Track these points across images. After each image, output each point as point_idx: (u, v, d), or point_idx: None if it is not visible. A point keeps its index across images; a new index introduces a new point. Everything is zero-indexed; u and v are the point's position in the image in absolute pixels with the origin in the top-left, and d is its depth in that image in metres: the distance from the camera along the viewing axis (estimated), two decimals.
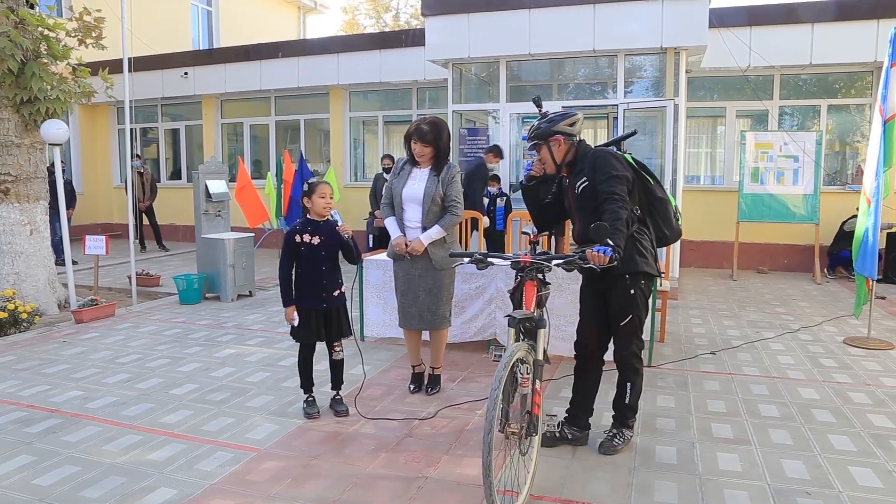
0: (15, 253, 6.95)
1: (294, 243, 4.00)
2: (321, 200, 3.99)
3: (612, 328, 3.60)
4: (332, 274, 4.07)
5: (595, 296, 3.63)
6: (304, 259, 4.00)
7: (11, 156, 6.89)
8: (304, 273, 4.02)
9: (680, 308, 7.29)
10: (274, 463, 3.46)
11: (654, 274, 3.57)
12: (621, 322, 3.52)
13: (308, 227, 4.01)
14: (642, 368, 3.65)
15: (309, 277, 4.01)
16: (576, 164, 3.57)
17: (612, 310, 3.56)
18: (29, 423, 3.99)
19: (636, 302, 3.50)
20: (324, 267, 4.02)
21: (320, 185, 4.02)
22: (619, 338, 3.59)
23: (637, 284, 3.49)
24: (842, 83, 10.13)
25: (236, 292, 7.79)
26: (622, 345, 3.57)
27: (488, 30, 9.09)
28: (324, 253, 4.02)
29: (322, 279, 4.01)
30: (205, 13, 18.29)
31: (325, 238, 4.02)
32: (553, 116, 3.54)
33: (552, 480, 3.26)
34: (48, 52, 6.97)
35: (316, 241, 4.00)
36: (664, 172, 8.69)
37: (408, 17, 30.87)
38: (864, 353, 5.52)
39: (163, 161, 14.61)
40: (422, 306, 4.36)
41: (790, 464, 3.44)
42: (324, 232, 4.03)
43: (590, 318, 3.66)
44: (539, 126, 3.55)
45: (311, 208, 4.02)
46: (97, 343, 5.84)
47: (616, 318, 3.54)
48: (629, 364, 3.58)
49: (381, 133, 12.45)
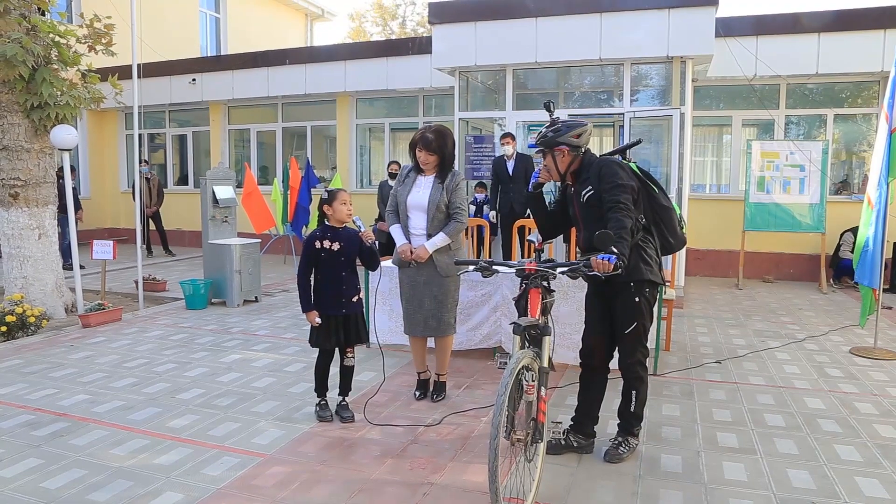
0: (23, 257, 6.99)
1: (314, 249, 4.03)
2: (343, 207, 4.04)
3: (617, 336, 3.60)
4: (351, 280, 4.11)
5: (601, 304, 3.64)
6: (324, 265, 4.04)
7: (21, 160, 6.94)
8: (323, 279, 4.06)
9: (685, 317, 7.28)
10: (280, 468, 3.47)
11: (658, 282, 3.57)
12: (626, 330, 3.53)
13: (328, 234, 4.05)
14: (647, 377, 3.65)
15: (328, 283, 4.05)
16: (581, 173, 3.58)
17: (617, 317, 3.56)
18: (36, 427, 4.02)
19: (641, 310, 3.51)
20: (343, 273, 4.06)
21: (340, 193, 4.07)
22: (623, 346, 3.59)
23: (642, 292, 3.50)
24: (848, 92, 10.13)
25: (242, 298, 7.81)
26: (627, 353, 3.58)
27: (495, 38, 9.12)
28: (343, 259, 4.06)
29: (342, 285, 4.05)
30: (213, 20, 18.40)
31: (344, 244, 4.05)
32: (560, 126, 3.53)
33: (557, 488, 3.26)
34: (59, 58, 7.03)
35: (336, 247, 4.03)
36: (670, 181, 8.70)
37: (414, 24, 31.01)
38: (870, 363, 5.51)
39: (170, 167, 14.69)
40: (427, 313, 4.38)
41: (796, 473, 3.43)
42: (343, 238, 4.06)
43: (595, 326, 3.67)
44: (545, 135, 3.56)
45: (331, 215, 4.06)
46: (104, 347, 5.87)
47: (621, 326, 3.55)
48: (634, 372, 3.59)
49: (387, 140, 12.49)
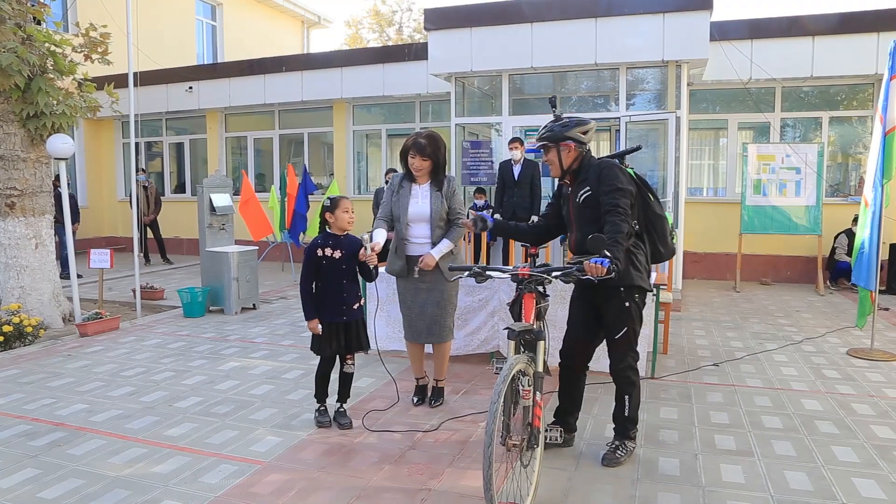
0: (20, 267, 6.98)
1: (316, 257, 4.04)
2: (345, 215, 4.05)
3: (608, 341, 3.61)
4: (353, 287, 4.12)
5: (586, 308, 3.64)
6: (325, 272, 4.04)
7: (17, 170, 6.94)
8: (324, 286, 4.06)
9: (683, 320, 7.29)
10: (278, 475, 3.47)
11: (647, 289, 3.59)
12: (616, 335, 3.54)
13: (329, 241, 4.06)
14: (639, 380, 3.67)
15: (330, 291, 4.05)
16: (580, 174, 3.58)
17: (607, 322, 3.57)
18: (34, 437, 4.01)
19: (631, 314, 3.52)
20: (344, 280, 4.07)
21: (343, 200, 4.08)
22: (614, 351, 3.59)
23: (632, 297, 3.51)
24: (843, 95, 10.17)
25: (240, 305, 7.81)
26: (618, 358, 3.59)
27: (491, 44, 9.16)
28: (345, 267, 4.06)
29: (343, 292, 4.06)
30: (209, 28, 18.44)
31: (345, 252, 4.06)
32: (568, 121, 3.53)
33: (555, 492, 3.26)
34: (54, 67, 7.04)
35: (337, 255, 4.04)
36: (667, 185, 8.72)
37: (411, 31, 31.06)
38: (867, 365, 5.52)
39: (167, 175, 14.68)
40: (430, 319, 4.36)
41: (793, 475, 3.44)
42: (345, 246, 4.07)
43: (578, 329, 3.68)
44: (552, 128, 3.54)
45: (333, 223, 4.07)
46: (101, 356, 5.86)
47: (611, 331, 3.56)
48: (626, 377, 3.60)
49: (384, 146, 12.51)
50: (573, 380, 3.78)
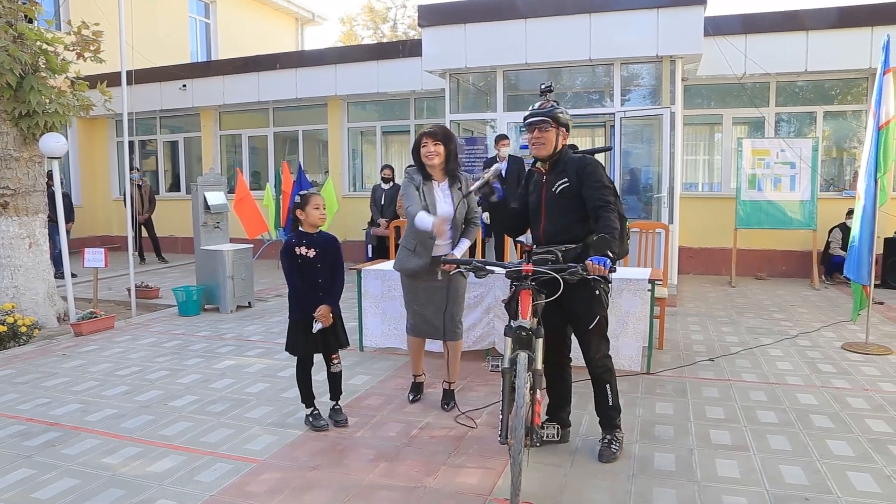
0: (14, 266, 6.96)
1: (294, 255, 3.96)
2: (315, 212, 3.95)
3: (580, 333, 3.61)
4: (327, 286, 4.02)
5: (551, 302, 3.61)
6: (301, 271, 3.97)
7: (10, 169, 6.91)
8: (300, 285, 3.99)
9: (678, 315, 7.30)
10: (273, 474, 3.46)
11: (610, 280, 3.60)
12: (589, 325, 3.54)
13: (303, 240, 3.99)
14: (614, 366, 3.68)
15: (305, 290, 3.97)
16: (558, 164, 3.60)
17: (577, 314, 3.56)
18: (28, 437, 3.99)
19: (601, 302, 3.53)
20: (320, 279, 3.98)
21: (313, 197, 3.98)
22: (587, 342, 3.59)
23: (599, 286, 3.51)
24: (838, 90, 10.18)
25: (235, 303, 7.79)
26: (592, 349, 3.59)
27: (485, 40, 9.14)
28: (320, 265, 3.99)
29: (318, 291, 3.97)
30: (203, 25, 18.37)
31: (319, 250, 3.99)
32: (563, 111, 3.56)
33: (550, 488, 3.26)
34: (47, 65, 7.00)
35: (311, 253, 3.97)
36: (662, 180, 8.73)
37: (405, 27, 31.00)
38: (862, 359, 5.53)
39: (161, 173, 14.64)
40: (447, 316, 4.27)
41: (789, 469, 3.44)
42: (318, 244, 4.00)
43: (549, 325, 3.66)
44: (561, 111, 3.53)
45: (304, 220, 3.98)
46: (96, 356, 5.84)
47: (583, 322, 3.55)
48: (602, 366, 3.61)
49: (379, 143, 12.48)
50: (562, 373, 3.80)
